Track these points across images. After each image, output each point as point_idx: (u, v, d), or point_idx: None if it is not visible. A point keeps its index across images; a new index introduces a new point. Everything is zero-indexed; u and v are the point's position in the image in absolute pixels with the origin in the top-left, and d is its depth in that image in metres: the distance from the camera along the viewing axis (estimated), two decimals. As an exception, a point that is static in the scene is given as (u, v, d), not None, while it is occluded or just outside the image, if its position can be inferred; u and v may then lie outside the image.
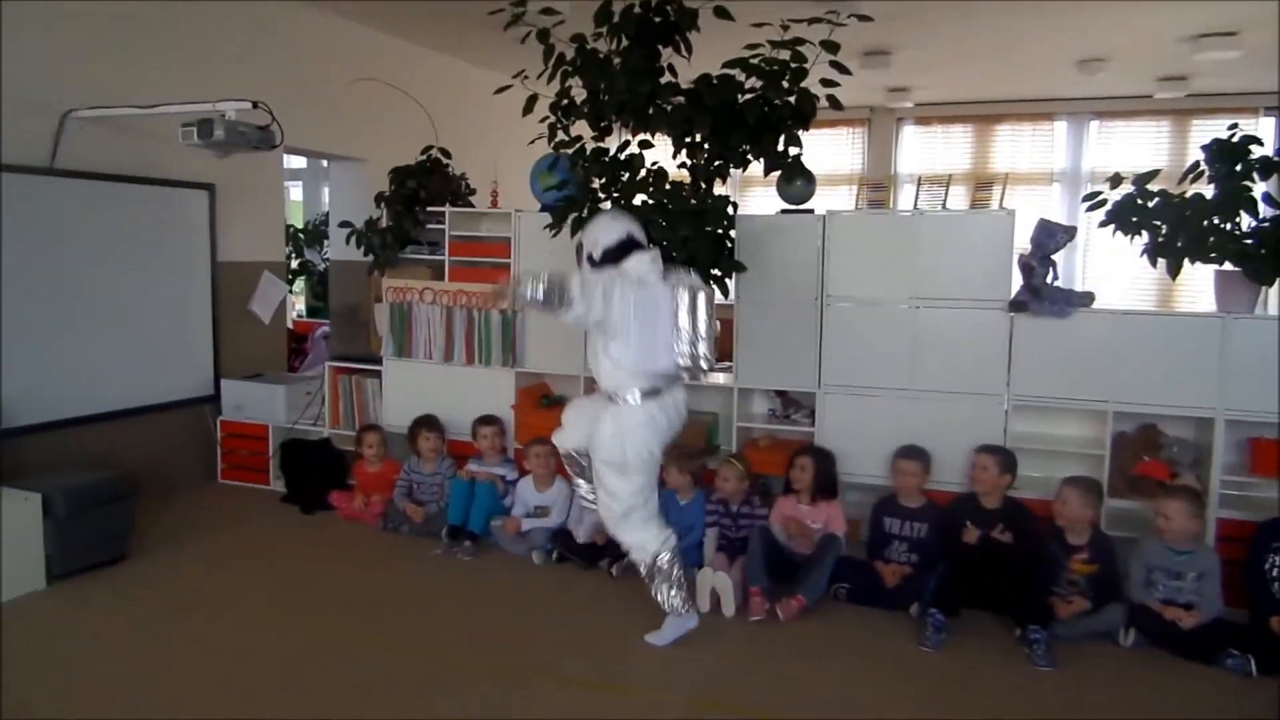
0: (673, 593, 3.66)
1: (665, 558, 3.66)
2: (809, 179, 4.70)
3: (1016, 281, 4.46)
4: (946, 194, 4.69)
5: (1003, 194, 4.62)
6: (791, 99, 4.36)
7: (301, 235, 9.02)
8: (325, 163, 8.03)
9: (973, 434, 4.42)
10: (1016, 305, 4.39)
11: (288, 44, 6.33)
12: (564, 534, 4.64)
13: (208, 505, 5.40)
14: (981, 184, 4.65)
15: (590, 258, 3.62)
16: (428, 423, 5.16)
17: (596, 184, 4.67)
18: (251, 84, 5.22)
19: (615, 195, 4.62)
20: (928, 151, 10.23)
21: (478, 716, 3.17)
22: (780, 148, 4.49)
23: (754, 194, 10.21)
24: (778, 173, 4.65)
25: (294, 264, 8.96)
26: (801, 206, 4.79)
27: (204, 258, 5.86)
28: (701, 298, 3.54)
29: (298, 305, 9.67)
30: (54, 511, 4.14)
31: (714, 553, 4.35)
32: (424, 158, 5.62)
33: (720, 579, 4.03)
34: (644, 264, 3.55)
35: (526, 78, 4.50)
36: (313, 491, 5.34)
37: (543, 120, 4.57)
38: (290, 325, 7.67)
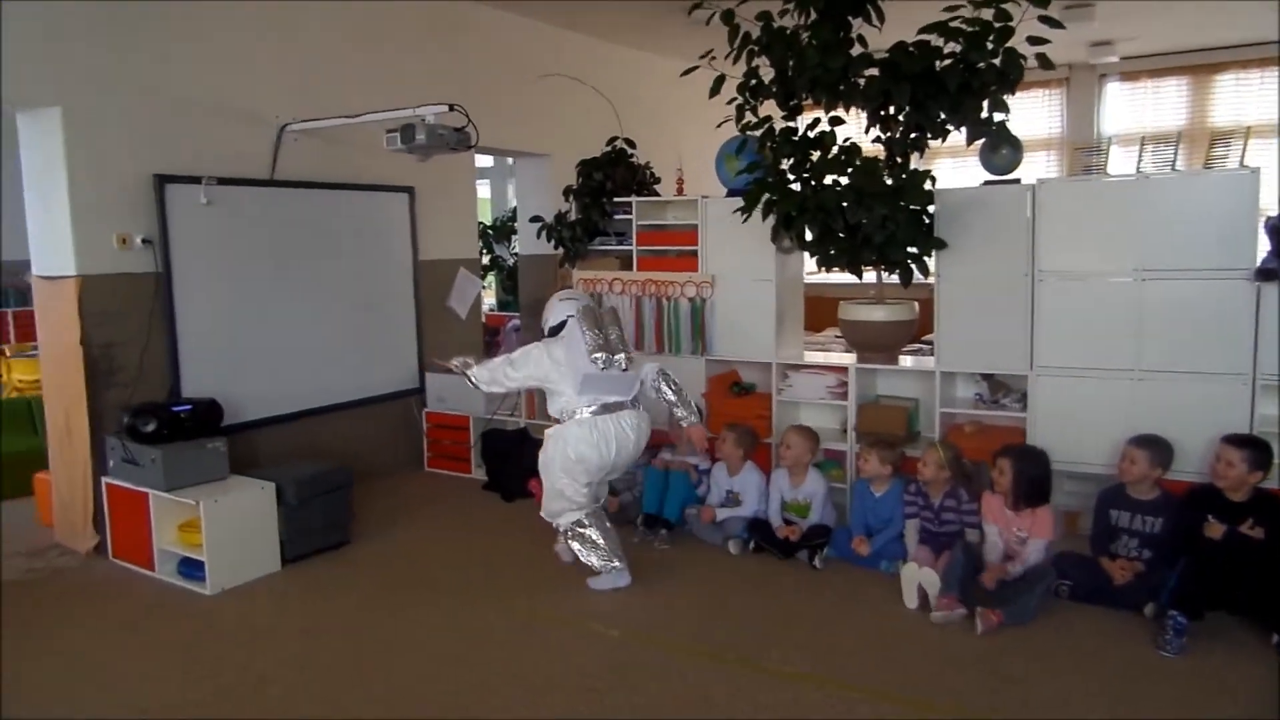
0: (594, 558, 4.09)
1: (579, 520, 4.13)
2: (1016, 146, 4.39)
3: (1263, 247, 4.00)
4: (1176, 153, 4.25)
5: (1244, 150, 4.14)
6: (996, 61, 4.07)
7: (491, 232, 9.36)
8: (511, 160, 8.27)
9: (1211, 418, 4.01)
10: (1264, 273, 3.94)
11: (474, 46, 6.55)
12: (761, 524, 4.57)
13: (416, 493, 5.69)
14: (1218, 139, 4.18)
15: (548, 329, 4.31)
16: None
17: (786, 165, 4.55)
18: (443, 87, 5.42)
19: (806, 175, 4.49)
20: (1135, 109, 9.41)
21: (677, 703, 3.15)
22: (984, 114, 4.21)
23: (939, 166, 9.72)
24: (979, 142, 4.36)
25: (485, 259, 9.32)
26: (1007, 176, 4.48)
27: (406, 257, 6.17)
28: (574, 320, 4.13)
29: (489, 300, 10.07)
30: (286, 499, 4.46)
31: (916, 545, 4.16)
32: (609, 149, 5.67)
33: (927, 575, 3.84)
34: (571, 326, 4.16)
35: (714, 59, 4.43)
36: (512, 480, 5.52)
37: (729, 102, 4.49)
38: (484, 319, 7.98)
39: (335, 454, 5.36)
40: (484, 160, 9.51)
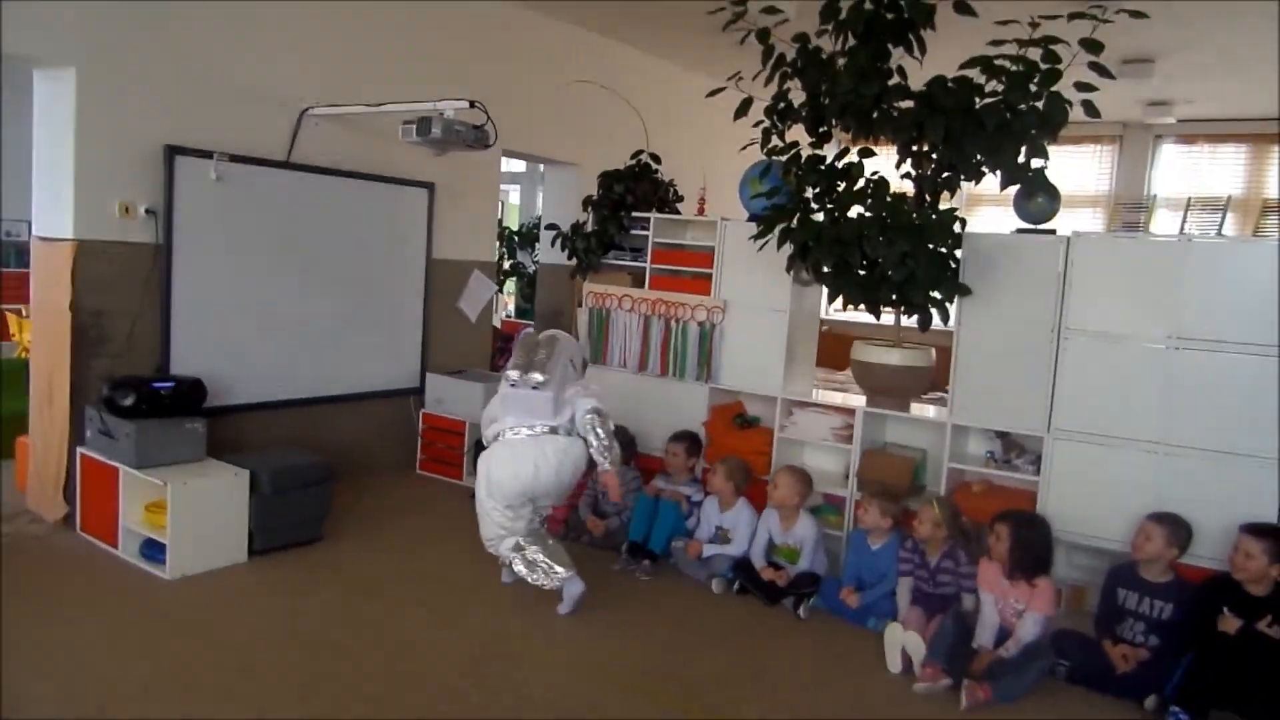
0: (540, 577, 3.90)
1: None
2: (1053, 195, 4.17)
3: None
4: (1224, 218, 4.01)
5: (1296, 221, 3.89)
6: (1039, 104, 3.86)
7: (516, 237, 9.24)
8: (541, 167, 8.16)
9: (1237, 503, 3.73)
10: (1303, 353, 3.68)
11: (507, 47, 6.43)
12: (748, 564, 4.35)
13: (402, 494, 5.52)
14: (1270, 209, 3.93)
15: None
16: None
17: (810, 193, 4.36)
18: (472, 86, 5.29)
19: (830, 206, 4.29)
20: (1189, 173, 9.11)
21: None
22: (1021, 159, 4.00)
23: (981, 212, 9.49)
24: (1014, 188, 4.15)
25: (506, 265, 9.19)
26: (1041, 226, 4.26)
27: (419, 253, 6.05)
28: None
29: (509, 306, 9.95)
30: (260, 489, 4.31)
31: (907, 606, 3.91)
32: (633, 162, 5.51)
33: (912, 640, 3.60)
34: None
35: (741, 79, 4.26)
36: (500, 491, 5.33)
37: (756, 125, 4.31)
38: (498, 325, 7.84)
39: (326, 447, 5.22)
40: (516, 165, 9.40)
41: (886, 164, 4.27)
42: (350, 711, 3.05)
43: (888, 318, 4.46)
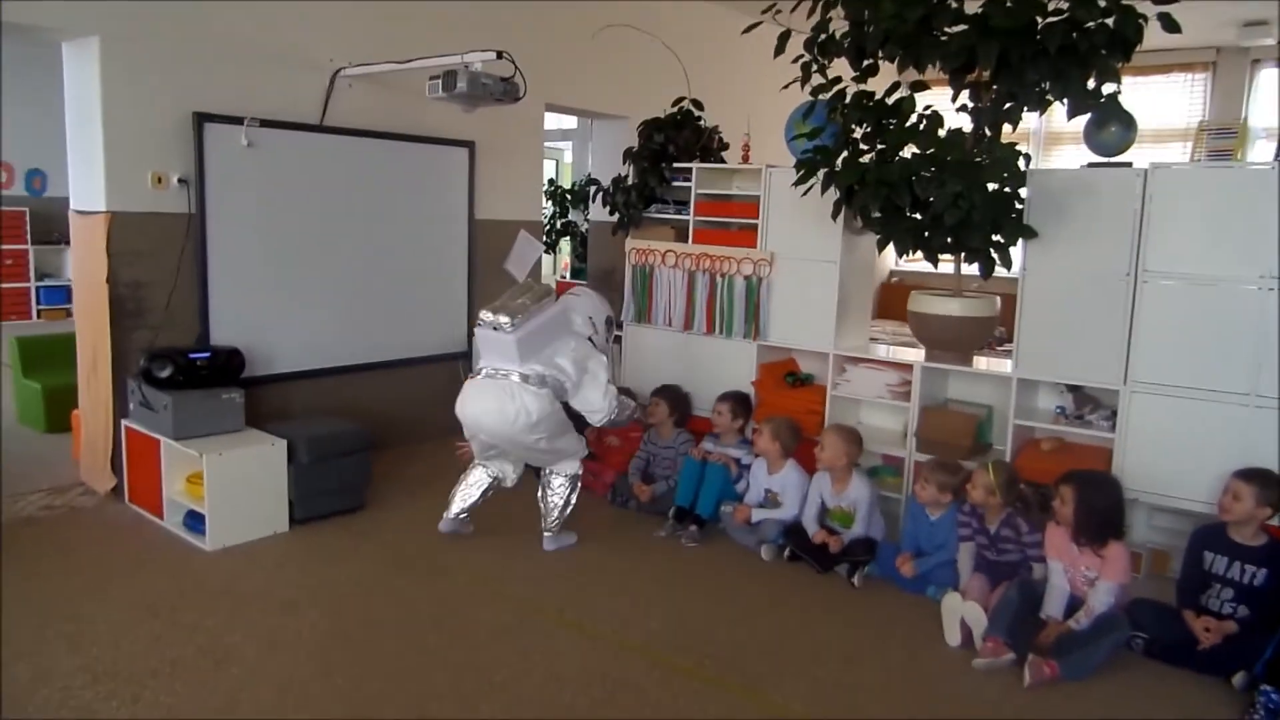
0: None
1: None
2: (1127, 124, 3.78)
3: None
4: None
5: None
6: (1109, 20, 3.47)
7: (568, 196, 9.04)
8: (591, 121, 7.92)
9: (1340, 458, 3.36)
10: None
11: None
12: (799, 529, 4.13)
13: (449, 461, 5.40)
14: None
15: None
16: (660, 391, 4.82)
17: (859, 133, 4.05)
18: (513, 39, 5.04)
19: (881, 146, 3.97)
20: (1293, 100, 8.36)
21: (668, 735, 2.79)
22: (1091, 84, 3.62)
23: (1061, 151, 8.92)
24: (1084, 119, 3.77)
25: (559, 225, 9.01)
26: (1116, 160, 3.87)
27: (462, 215, 5.90)
28: None
29: (566, 267, 9.79)
30: (298, 458, 4.26)
31: (970, 573, 3.65)
32: (674, 110, 5.24)
33: (972, 610, 3.35)
34: None
35: (779, 12, 3.94)
36: (547, 456, 5.20)
37: (795, 60, 3.99)
38: (553, 286, 7.68)
39: (373, 415, 5.16)
40: (568, 121, 9.17)
41: (946, 99, 3.93)
42: (371, 687, 2.96)
43: (946, 266, 4.14)
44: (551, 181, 9.29)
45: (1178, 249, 3.70)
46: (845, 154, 3.91)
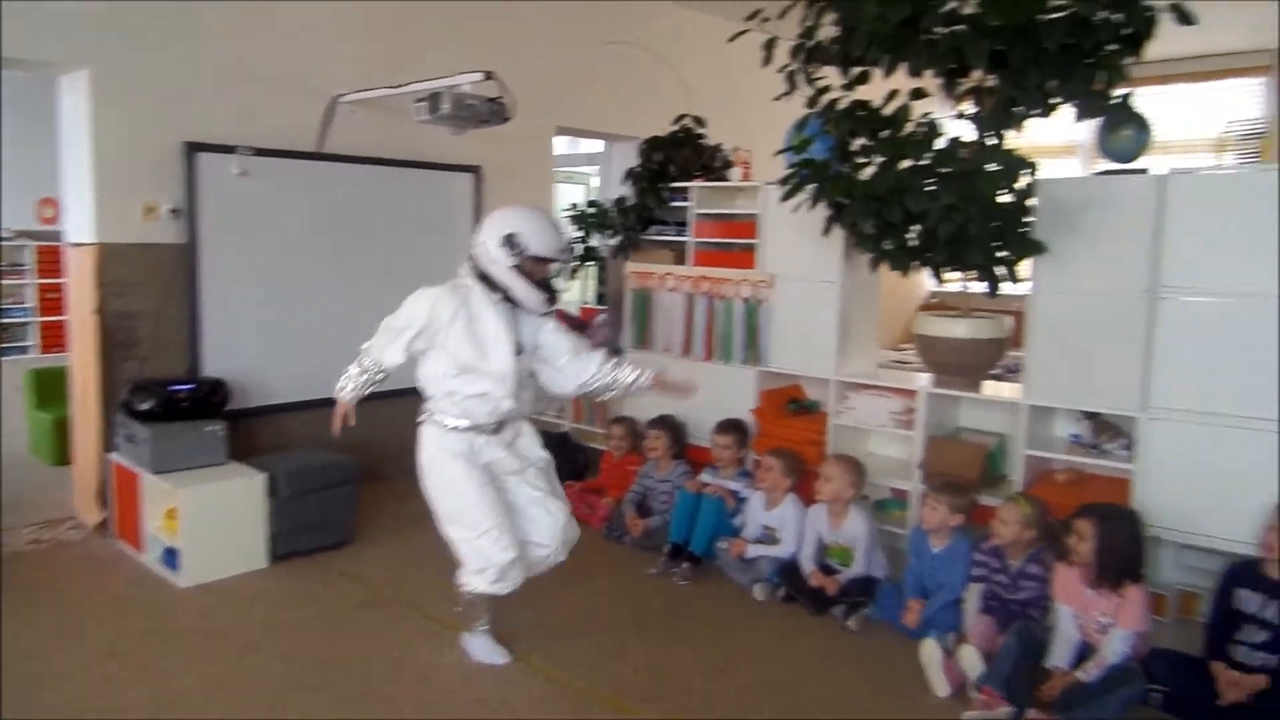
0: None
1: None
2: (1142, 127, 3.49)
3: None
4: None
5: None
6: (1119, 15, 3.19)
7: (592, 220, 8.89)
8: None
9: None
10: None
11: (555, 18, 6.07)
12: (792, 569, 3.87)
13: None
14: None
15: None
16: (659, 422, 4.62)
17: (855, 144, 3.81)
18: (519, 61, 4.94)
19: (881, 159, 3.73)
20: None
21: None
22: (1101, 84, 3.33)
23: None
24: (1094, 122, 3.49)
25: (584, 250, 8.86)
26: (1129, 166, 3.58)
27: (466, 242, 5.77)
28: None
29: (589, 291, 9.61)
30: (278, 492, 4.15)
31: (976, 616, 3.35)
32: (676, 128, 5.07)
33: (968, 655, 3.08)
34: None
35: (766, 19, 3.74)
36: (546, 488, 5.02)
37: (781, 69, 3.79)
38: (577, 312, 7.52)
39: (369, 446, 5.01)
40: (593, 145, 9.05)
41: (949, 107, 3.68)
42: (313, 738, 2.80)
43: (952, 284, 3.87)
44: (575, 205, 9.15)
45: (1200, 262, 3.38)
46: (837, 168, 3.67)
